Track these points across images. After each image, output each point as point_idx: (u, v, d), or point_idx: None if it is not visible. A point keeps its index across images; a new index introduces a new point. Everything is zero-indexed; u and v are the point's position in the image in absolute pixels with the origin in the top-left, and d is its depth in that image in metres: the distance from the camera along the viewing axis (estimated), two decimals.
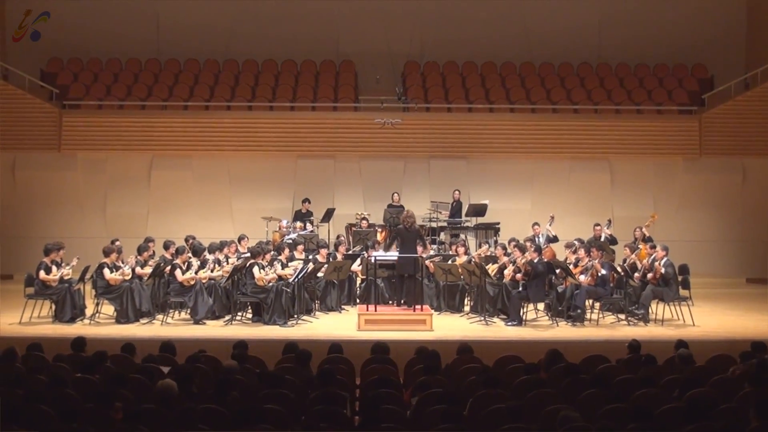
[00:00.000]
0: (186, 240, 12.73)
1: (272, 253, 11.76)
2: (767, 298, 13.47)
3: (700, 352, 7.84)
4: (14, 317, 10.78)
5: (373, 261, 11.26)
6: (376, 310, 10.78)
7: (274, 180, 16.79)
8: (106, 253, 11.09)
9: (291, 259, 12.03)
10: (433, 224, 15.40)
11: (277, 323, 10.74)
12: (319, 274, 11.97)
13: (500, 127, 16.81)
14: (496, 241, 14.62)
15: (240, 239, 12.97)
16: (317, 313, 11.77)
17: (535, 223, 14.26)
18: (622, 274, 11.33)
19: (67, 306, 10.71)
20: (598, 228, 13.83)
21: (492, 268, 11.68)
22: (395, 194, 15.81)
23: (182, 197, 16.68)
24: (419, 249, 11.85)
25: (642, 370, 7.06)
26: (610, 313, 11.53)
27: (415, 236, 11.03)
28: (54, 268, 10.86)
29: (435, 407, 5.75)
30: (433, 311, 11.22)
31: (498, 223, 15.26)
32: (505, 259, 11.70)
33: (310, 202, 15.90)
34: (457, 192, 15.86)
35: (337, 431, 5.30)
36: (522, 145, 16.80)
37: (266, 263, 11.21)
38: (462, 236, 15.13)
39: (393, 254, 11.30)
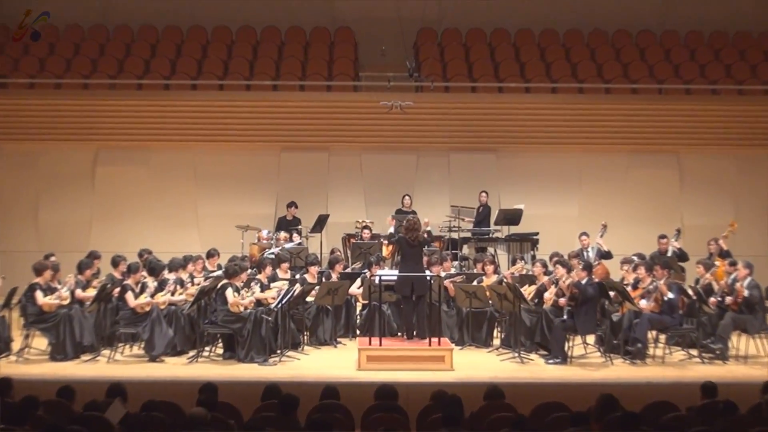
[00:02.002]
0: (140, 255, 12.81)
1: (249, 271, 11.88)
2: None
3: None
4: None
5: (377, 281, 11.27)
6: (381, 344, 10.76)
7: (251, 179, 16.85)
8: (38, 271, 11.10)
9: (273, 279, 12.09)
10: (454, 235, 15.42)
11: (256, 360, 10.76)
12: (309, 299, 12.02)
13: (539, 111, 16.86)
14: (533, 257, 14.57)
15: (209, 254, 13.11)
16: (306, 347, 11.83)
17: (583, 234, 14.30)
18: (695, 298, 11.32)
19: None
20: (664, 241, 13.87)
21: (529, 291, 11.68)
22: (406, 197, 15.87)
23: (135, 201, 16.75)
24: (434, 267, 11.94)
25: (720, 420, 7.07)
26: (679, 348, 11.54)
27: (419, 251, 11.12)
28: None
29: None
30: (453, 345, 11.21)
31: (536, 234, 15.37)
32: (545, 279, 11.67)
33: (297, 207, 15.92)
34: (484, 194, 15.90)
35: None
36: (566, 135, 16.86)
37: (242, 284, 11.27)
38: (490, 250, 15.18)
39: (397, 273, 11.43)
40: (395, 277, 11.19)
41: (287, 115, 16.83)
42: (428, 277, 11.00)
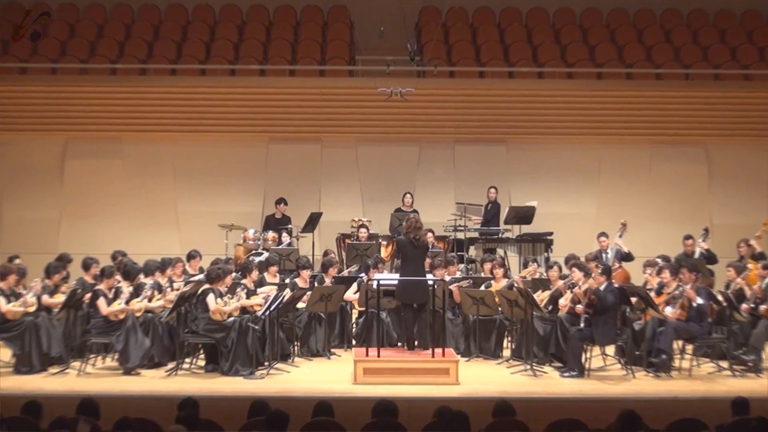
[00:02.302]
0: (113, 257, 12.85)
1: (234, 275, 11.88)
2: None
3: None
4: None
5: (375, 286, 11.21)
6: (379, 356, 10.69)
7: (236, 173, 16.89)
8: (2, 275, 11.09)
9: (260, 283, 12.16)
10: (460, 235, 15.44)
11: (241, 373, 10.76)
12: (300, 305, 12.09)
13: (553, 98, 16.90)
14: (547, 259, 14.63)
15: (189, 256, 13.17)
16: (297, 359, 11.83)
17: (602, 234, 14.29)
18: (725, 304, 11.34)
19: None
20: (690, 241, 13.89)
21: (542, 297, 11.73)
22: (407, 195, 15.91)
23: (108, 197, 16.77)
24: (438, 271, 11.88)
25: None
26: (708, 360, 11.51)
27: (423, 252, 11.17)
28: None
29: None
30: (459, 356, 11.22)
31: (550, 234, 15.39)
32: (560, 284, 11.71)
33: (286, 204, 15.96)
34: (493, 190, 15.93)
35: None
36: (584, 125, 16.91)
37: (225, 290, 11.29)
38: (500, 252, 15.18)
39: (397, 277, 11.41)
40: (395, 282, 11.19)
41: (275, 102, 16.84)
42: (432, 282, 11.02)
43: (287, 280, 12.51)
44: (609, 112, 16.89)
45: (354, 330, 12.54)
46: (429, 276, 11.37)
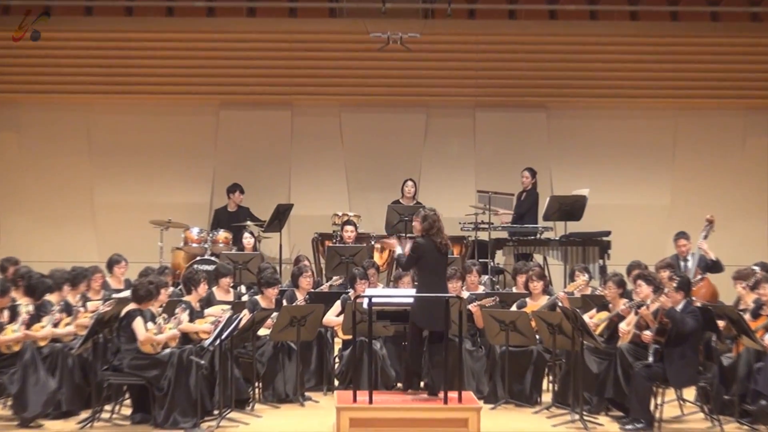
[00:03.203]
0: (2, 268, 12.80)
1: (171, 290, 12.03)
2: None
3: None
4: None
5: (365, 306, 10.94)
6: (371, 402, 10.58)
7: (175, 151, 17.07)
8: None
9: (208, 302, 12.17)
10: (483, 236, 15.54)
11: (181, 426, 10.65)
12: (263, 332, 12.04)
13: (611, 47, 17.01)
14: (603, 269, 14.69)
15: (111, 263, 13.30)
16: (258, 405, 11.80)
17: (681, 235, 14.28)
18: None
19: None
20: None
21: (596, 320, 11.66)
22: (409, 182, 15.96)
23: None
24: (453, 284, 11.91)
25: None
26: None
27: (446, 262, 11.21)
28: None
29: None
30: (482, 402, 11.18)
31: (607, 234, 15.49)
32: (621, 303, 11.57)
33: (243, 193, 16.12)
34: (528, 174, 16.01)
35: None
36: (654, 84, 17.00)
37: (160, 311, 11.22)
38: (538, 259, 15.28)
39: (402, 292, 11.38)
40: (397, 300, 11.13)
41: (229, 53, 16.98)
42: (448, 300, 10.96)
43: (245, 297, 12.63)
44: (688, 66, 17.01)
45: (337, 366, 12.51)
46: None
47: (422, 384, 11.10)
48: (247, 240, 15.21)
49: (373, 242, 14.98)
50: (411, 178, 16.03)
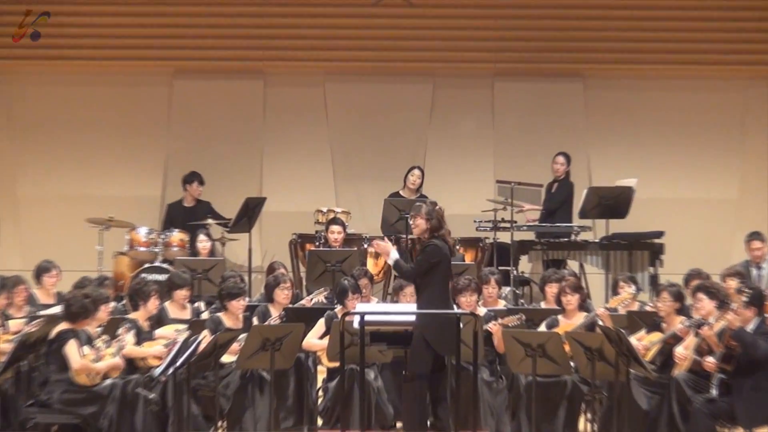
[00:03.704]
0: None
1: (113, 305, 12.20)
2: None
3: None
4: None
5: (356, 326, 10.97)
6: None
7: (117, 129, 17.06)
8: None
9: (160, 321, 12.33)
10: (503, 237, 15.57)
11: None
12: (227, 358, 11.92)
13: (664, 3, 17.00)
14: (654, 278, 14.69)
15: (39, 272, 13.41)
16: None
17: (755, 236, 14.32)
18: None
19: None
20: None
21: (646, 343, 11.69)
22: (416, 170, 16.03)
23: None
24: (465, 298, 11.98)
25: None
26: None
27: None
28: None
29: None
30: None
31: (660, 235, 15.50)
32: (678, 322, 11.55)
33: (203, 184, 16.10)
34: (561, 160, 15.99)
35: None
36: (718, 48, 16.94)
37: (99, 331, 11.31)
38: (572, 266, 15.29)
39: (402, 308, 11.46)
40: (397, 318, 11.13)
41: (186, 8, 16.97)
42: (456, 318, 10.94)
43: (205, 315, 12.70)
44: (757, 26, 16.92)
45: (320, 401, 12.38)
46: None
47: (430, 423, 11.13)
48: (203, 244, 15.12)
49: (365, 245, 14.96)
50: (418, 165, 15.99)
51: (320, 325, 12.25)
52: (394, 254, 11.01)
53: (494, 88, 17.01)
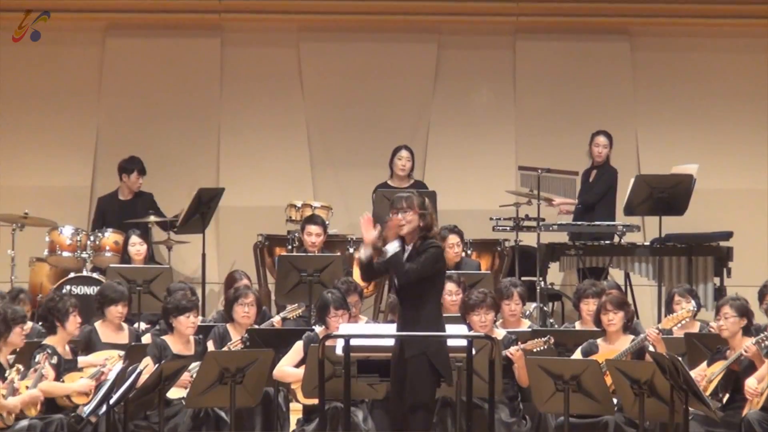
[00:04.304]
0: None
1: (30, 326, 12.36)
2: None
3: None
4: None
5: (340, 351, 10.74)
6: None
7: (34, 100, 16.98)
8: None
9: (88, 344, 12.51)
10: (528, 239, 15.51)
11: None
12: (175, 393, 11.97)
13: None
14: (719, 291, 14.64)
15: None
16: None
17: None
18: None
19: None
20: None
21: (709, 374, 11.66)
22: (403, 151, 15.97)
23: None
24: (478, 317, 12.04)
25: None
26: None
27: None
28: None
29: None
30: None
31: (728, 236, 15.57)
32: (749, 345, 11.42)
33: (144, 173, 16.03)
34: (601, 140, 15.89)
35: None
36: None
37: (12, 359, 11.47)
38: (615, 275, 15.23)
39: (391, 330, 11.12)
40: (391, 343, 10.89)
41: None
42: (467, 340, 10.72)
43: (146, 338, 12.78)
44: None
45: None
46: (457, 327, 11.22)
47: None
48: (136, 248, 15.07)
49: (351, 249, 14.91)
50: (405, 145, 15.94)
51: (297, 349, 12.26)
52: (395, 244, 10.64)
53: (516, 49, 17.01)
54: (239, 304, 12.61)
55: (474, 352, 10.55)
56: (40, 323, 12.18)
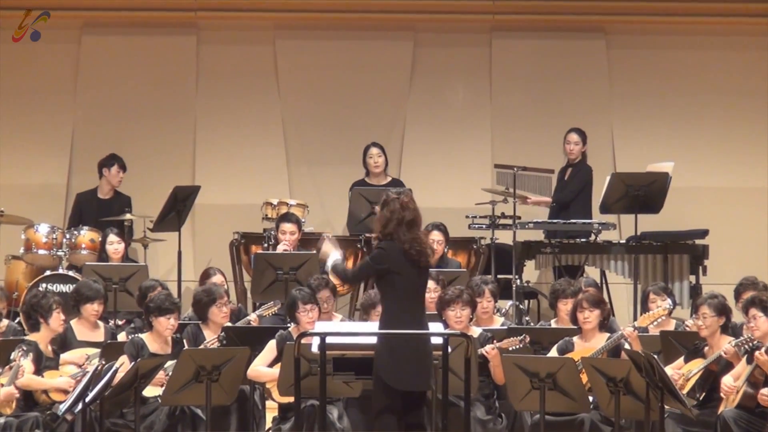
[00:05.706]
0: None
1: (6, 324, 12.48)
2: None
3: None
4: None
5: (315, 349, 10.81)
6: None
7: (10, 97, 17.02)
8: None
9: (64, 343, 12.45)
10: (503, 236, 15.59)
11: None
12: (151, 392, 12.05)
13: None
14: (695, 288, 14.75)
15: None
16: None
17: None
18: None
19: None
20: None
21: (685, 372, 11.77)
22: (373, 148, 16.05)
23: None
24: (454, 313, 12.05)
25: None
26: None
27: (426, 279, 11.20)
28: None
29: None
30: None
31: (704, 233, 15.56)
32: (725, 343, 11.56)
33: (124, 169, 16.05)
34: (575, 137, 15.97)
35: None
36: None
37: None
38: (591, 273, 15.30)
39: (373, 328, 11.17)
40: (366, 340, 10.93)
41: None
42: (443, 339, 10.74)
43: (122, 336, 12.82)
44: None
45: None
46: (436, 325, 11.23)
47: None
48: (114, 246, 15.12)
49: (327, 245, 14.43)
50: (374, 142, 16.05)
51: (270, 348, 12.27)
52: (335, 255, 10.89)
53: (492, 46, 17.07)
54: (217, 306, 12.64)
55: (450, 350, 10.55)
56: (17, 321, 12.31)
